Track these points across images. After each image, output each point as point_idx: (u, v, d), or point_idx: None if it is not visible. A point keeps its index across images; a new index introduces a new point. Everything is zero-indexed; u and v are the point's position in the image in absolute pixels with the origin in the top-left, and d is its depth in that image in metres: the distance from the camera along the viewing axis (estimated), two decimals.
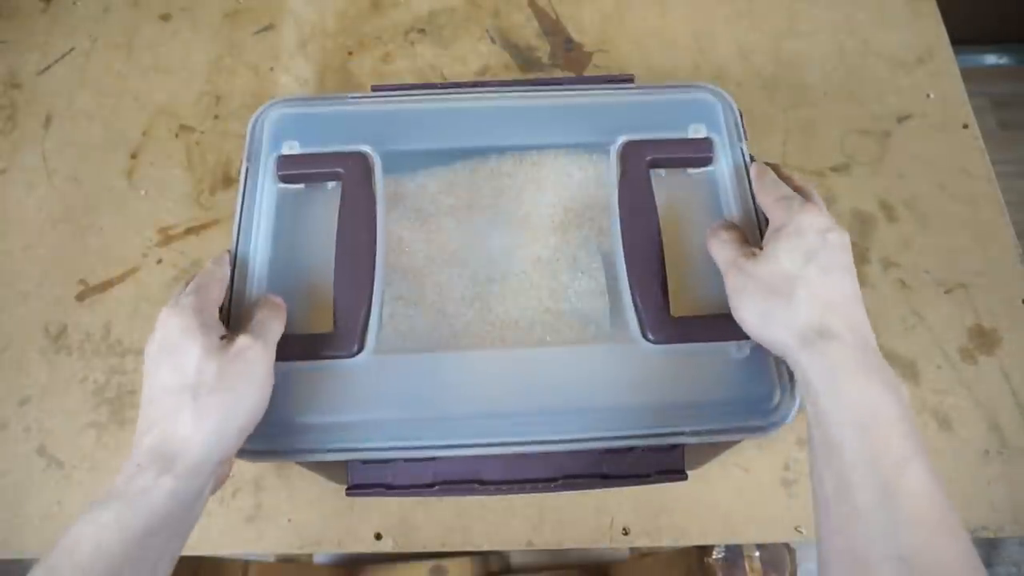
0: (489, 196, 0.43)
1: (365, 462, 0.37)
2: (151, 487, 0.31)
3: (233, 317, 0.39)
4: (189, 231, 0.61)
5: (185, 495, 0.32)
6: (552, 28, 0.70)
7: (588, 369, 0.37)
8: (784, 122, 0.64)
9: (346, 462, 0.38)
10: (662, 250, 0.38)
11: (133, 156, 0.64)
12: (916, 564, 0.27)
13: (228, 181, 0.63)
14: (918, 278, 0.58)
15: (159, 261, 0.60)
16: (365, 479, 0.37)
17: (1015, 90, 1.42)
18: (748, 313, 0.35)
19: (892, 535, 0.28)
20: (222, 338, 0.35)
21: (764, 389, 0.37)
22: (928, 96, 0.65)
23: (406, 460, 0.37)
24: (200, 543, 0.51)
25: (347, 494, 0.38)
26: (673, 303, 0.38)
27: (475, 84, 0.47)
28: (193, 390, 0.33)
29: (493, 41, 0.69)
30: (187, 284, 0.38)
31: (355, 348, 0.38)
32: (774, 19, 0.70)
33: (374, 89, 0.47)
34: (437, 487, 0.38)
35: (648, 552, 0.82)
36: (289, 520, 0.52)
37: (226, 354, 0.34)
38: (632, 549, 0.86)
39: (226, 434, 0.33)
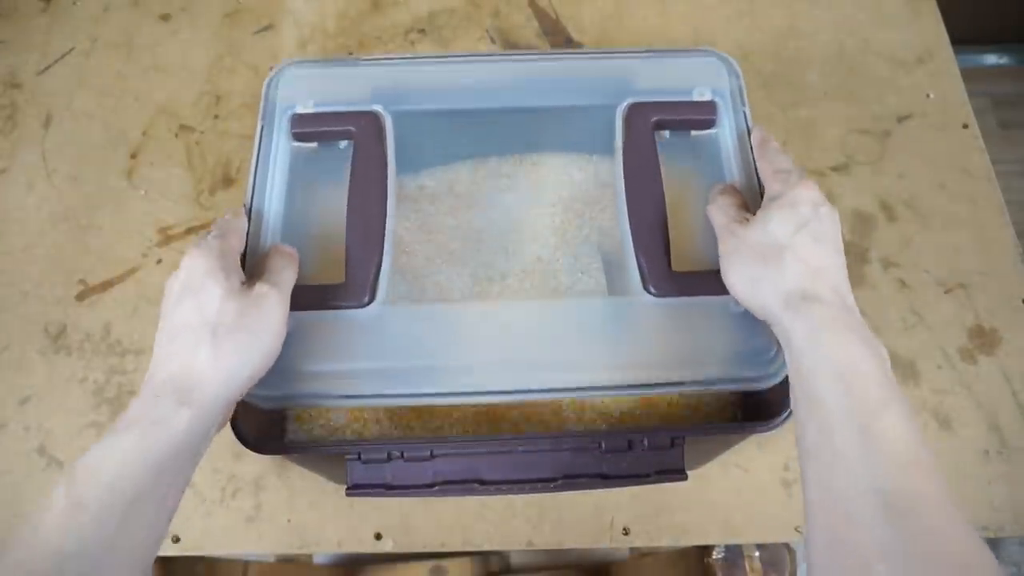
0: (489, 196, 0.44)
1: (365, 462, 0.37)
2: (170, 416, 0.32)
3: (248, 267, 0.40)
4: (189, 231, 0.61)
5: (199, 428, 0.33)
6: (552, 28, 0.70)
7: (592, 321, 0.38)
8: (784, 122, 0.64)
9: (345, 462, 0.38)
10: (664, 207, 0.39)
11: (133, 156, 0.64)
12: (891, 496, 0.29)
13: (228, 181, 0.63)
14: (918, 278, 0.58)
15: (159, 261, 0.60)
16: (365, 479, 0.38)
17: (1015, 90, 1.42)
18: (737, 276, 0.37)
19: (869, 471, 0.29)
20: (242, 283, 0.36)
21: (762, 341, 0.38)
22: (928, 96, 0.65)
23: (406, 458, 0.37)
24: (200, 543, 0.51)
25: (347, 494, 0.38)
26: (675, 260, 0.39)
27: (483, 53, 0.47)
28: (213, 328, 0.34)
29: (493, 41, 0.69)
30: (208, 232, 0.39)
31: (366, 298, 0.38)
32: (774, 19, 0.70)
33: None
34: (437, 487, 0.38)
35: (648, 552, 0.82)
36: (289, 520, 0.52)
37: (246, 298, 0.35)
38: (632, 549, 0.86)
39: (239, 375, 0.34)
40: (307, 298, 0.38)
